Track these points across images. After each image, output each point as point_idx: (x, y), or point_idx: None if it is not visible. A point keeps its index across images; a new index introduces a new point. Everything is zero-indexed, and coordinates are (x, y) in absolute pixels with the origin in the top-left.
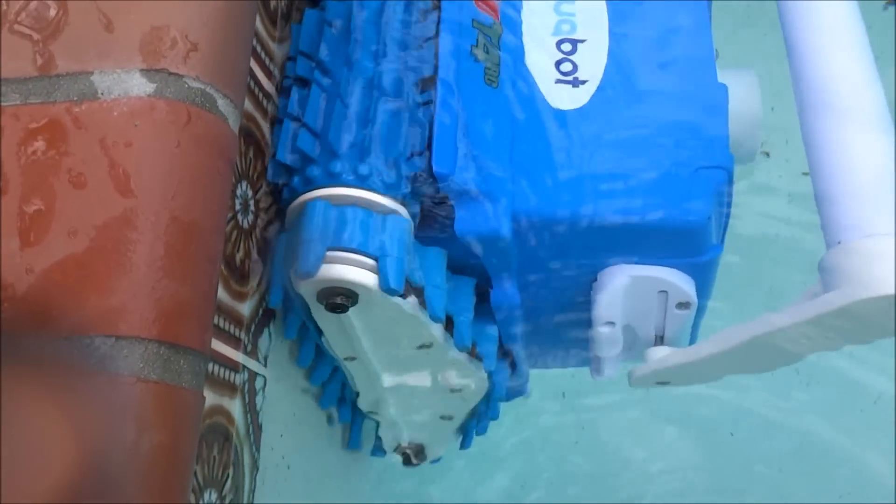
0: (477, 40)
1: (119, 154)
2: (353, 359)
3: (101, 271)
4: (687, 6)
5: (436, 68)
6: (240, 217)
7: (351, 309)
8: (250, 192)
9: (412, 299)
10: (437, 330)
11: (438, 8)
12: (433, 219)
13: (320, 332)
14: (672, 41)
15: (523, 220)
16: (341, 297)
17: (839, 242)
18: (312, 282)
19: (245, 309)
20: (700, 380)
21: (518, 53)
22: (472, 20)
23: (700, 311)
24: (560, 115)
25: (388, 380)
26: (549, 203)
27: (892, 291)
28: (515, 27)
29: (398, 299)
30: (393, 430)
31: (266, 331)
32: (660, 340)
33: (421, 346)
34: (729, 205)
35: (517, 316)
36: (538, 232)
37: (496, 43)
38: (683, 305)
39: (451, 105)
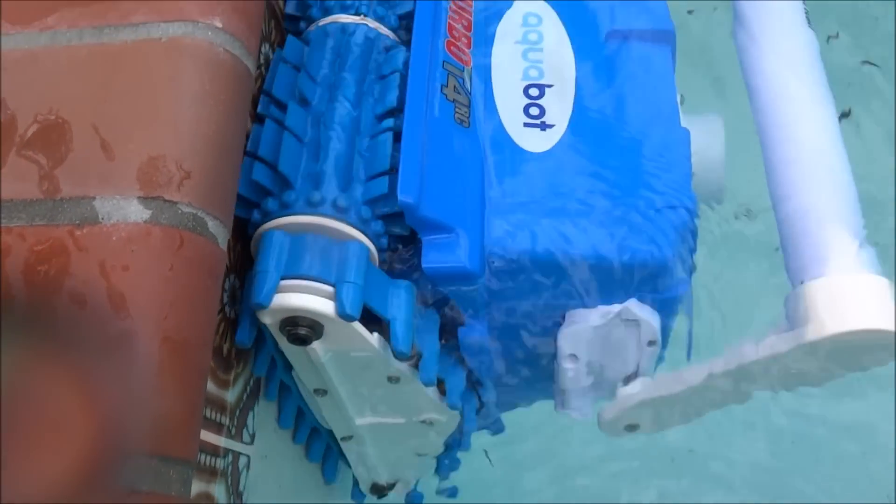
0: (447, 80)
1: (117, 277)
2: (323, 392)
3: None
4: (651, 54)
5: (402, 101)
6: (227, 309)
7: (316, 341)
8: (238, 283)
9: (376, 334)
10: (402, 365)
11: (406, 47)
12: (403, 257)
13: (290, 367)
14: (636, 87)
15: (491, 258)
16: (305, 329)
17: (802, 282)
18: (271, 311)
19: (230, 395)
20: (668, 422)
21: (488, 96)
22: (443, 62)
23: (662, 346)
24: (528, 157)
25: (359, 415)
26: (516, 242)
27: (851, 328)
28: (485, 72)
29: (364, 332)
30: (368, 468)
31: (251, 412)
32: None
33: (389, 379)
34: (694, 242)
35: (486, 354)
36: (506, 270)
37: (467, 85)
38: (652, 343)
39: (417, 136)
